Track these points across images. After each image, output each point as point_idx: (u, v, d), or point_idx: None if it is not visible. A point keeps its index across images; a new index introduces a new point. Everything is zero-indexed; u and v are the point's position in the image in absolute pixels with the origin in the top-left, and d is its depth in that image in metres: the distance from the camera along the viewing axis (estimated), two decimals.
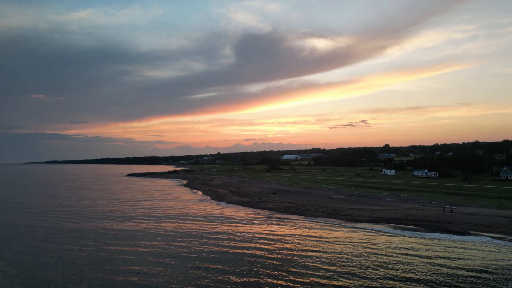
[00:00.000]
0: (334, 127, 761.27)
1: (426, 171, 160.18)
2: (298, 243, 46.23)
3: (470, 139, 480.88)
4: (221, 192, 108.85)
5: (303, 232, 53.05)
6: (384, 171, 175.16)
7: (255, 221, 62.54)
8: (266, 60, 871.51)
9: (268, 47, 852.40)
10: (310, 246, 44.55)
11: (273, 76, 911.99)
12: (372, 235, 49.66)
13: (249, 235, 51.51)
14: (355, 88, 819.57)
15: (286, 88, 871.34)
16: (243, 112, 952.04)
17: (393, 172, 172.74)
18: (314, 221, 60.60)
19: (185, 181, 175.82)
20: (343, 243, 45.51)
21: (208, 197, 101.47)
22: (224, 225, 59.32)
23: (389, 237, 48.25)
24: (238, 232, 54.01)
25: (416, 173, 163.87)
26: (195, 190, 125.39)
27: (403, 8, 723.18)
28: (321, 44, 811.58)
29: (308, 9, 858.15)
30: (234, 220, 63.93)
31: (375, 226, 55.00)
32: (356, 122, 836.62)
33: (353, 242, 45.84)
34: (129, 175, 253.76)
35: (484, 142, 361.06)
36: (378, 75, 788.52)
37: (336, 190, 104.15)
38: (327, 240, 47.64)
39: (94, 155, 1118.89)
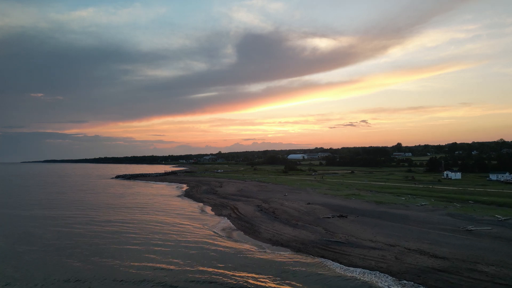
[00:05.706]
0: (334, 127, 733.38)
1: (507, 174, 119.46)
2: None
3: (472, 139, 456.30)
4: (245, 212, 65.99)
5: None
6: (447, 174, 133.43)
7: None
8: (267, 59, 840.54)
9: (269, 46, 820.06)
10: None
11: (274, 76, 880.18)
12: None
13: None
14: (356, 88, 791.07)
15: (287, 88, 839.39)
16: (244, 112, 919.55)
17: (459, 175, 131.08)
18: None
19: (184, 187, 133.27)
20: None
21: (226, 223, 58.84)
22: None
23: None
24: None
25: (493, 177, 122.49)
26: (200, 205, 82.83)
27: (405, 7, 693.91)
28: (322, 43, 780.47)
29: (311, 9, 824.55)
30: None
31: None
32: (356, 122, 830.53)
33: None
34: (118, 177, 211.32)
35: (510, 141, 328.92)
36: (380, 75, 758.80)
37: (442, 210, 61.89)
38: None
39: (94, 154, 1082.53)
